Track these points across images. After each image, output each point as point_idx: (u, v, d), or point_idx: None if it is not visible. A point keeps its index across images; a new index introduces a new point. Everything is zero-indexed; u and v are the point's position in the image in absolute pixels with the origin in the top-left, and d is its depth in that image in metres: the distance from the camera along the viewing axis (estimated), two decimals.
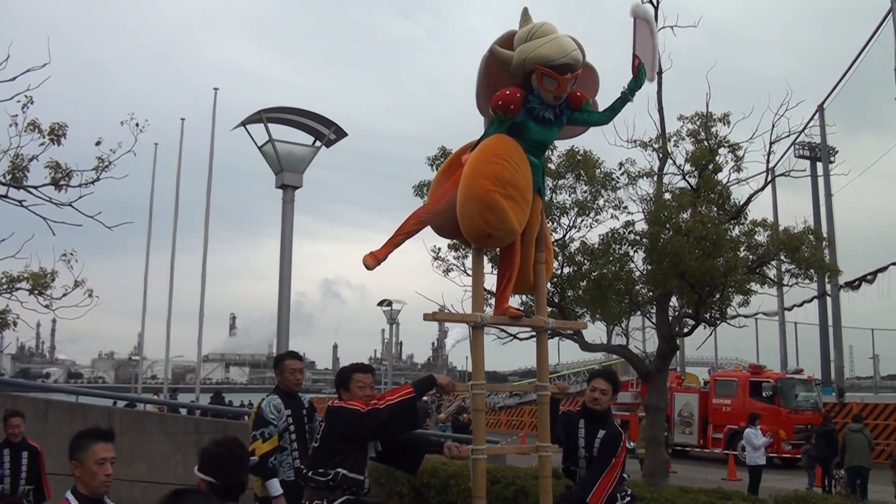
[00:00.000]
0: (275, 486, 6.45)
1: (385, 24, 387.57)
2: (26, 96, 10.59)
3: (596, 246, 12.05)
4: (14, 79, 10.42)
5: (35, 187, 11.01)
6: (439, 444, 5.83)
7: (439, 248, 12.38)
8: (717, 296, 11.97)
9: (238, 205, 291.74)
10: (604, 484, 5.73)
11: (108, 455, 3.97)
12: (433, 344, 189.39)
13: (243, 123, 12.96)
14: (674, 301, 12.73)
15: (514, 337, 12.27)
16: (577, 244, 12.15)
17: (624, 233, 12.11)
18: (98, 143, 11.15)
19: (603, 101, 5.92)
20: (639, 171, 12.50)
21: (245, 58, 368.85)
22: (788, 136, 12.78)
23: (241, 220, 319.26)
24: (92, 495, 3.94)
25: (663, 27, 11.95)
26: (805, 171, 32.45)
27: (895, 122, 29.09)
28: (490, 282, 7.51)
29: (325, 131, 13.34)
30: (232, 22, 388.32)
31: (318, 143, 13.39)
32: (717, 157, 12.26)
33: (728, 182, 12.40)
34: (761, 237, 12.17)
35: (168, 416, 15.96)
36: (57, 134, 10.89)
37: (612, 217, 12.22)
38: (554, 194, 12.02)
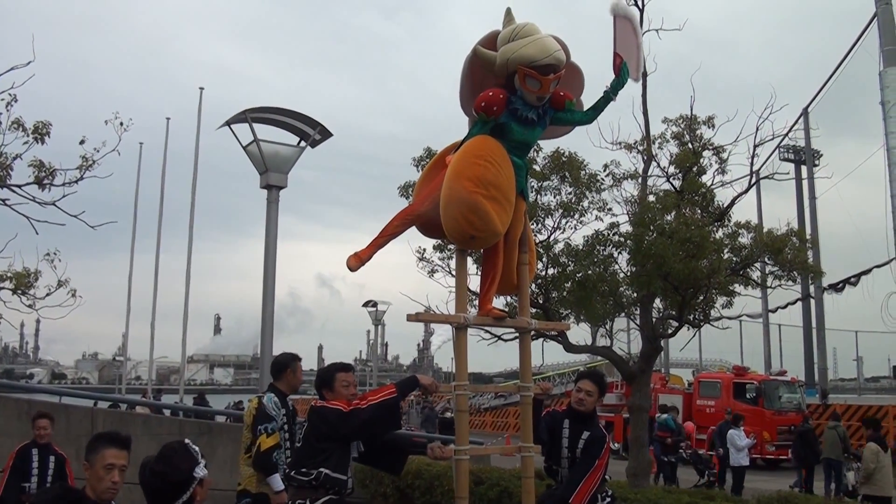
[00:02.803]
0: (277, 482, 6.50)
1: (368, 25, 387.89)
2: (10, 94, 10.54)
3: (580, 247, 12.09)
4: None
5: (18, 186, 10.94)
6: (423, 444, 5.84)
7: (424, 249, 12.42)
8: (701, 297, 12.02)
9: (223, 205, 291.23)
10: (586, 486, 5.74)
11: (117, 462, 3.86)
12: (419, 345, 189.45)
13: (228, 123, 12.89)
14: (658, 302, 12.78)
15: (499, 338, 12.30)
16: (561, 245, 12.19)
17: (608, 234, 12.15)
18: (82, 142, 11.09)
19: (587, 101, 5.94)
20: (623, 173, 12.56)
21: (228, 57, 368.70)
22: (773, 139, 12.86)
23: (226, 220, 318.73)
24: (97, 500, 3.83)
25: (648, 30, 12.01)
26: (789, 174, 32.67)
27: (877, 126, 29.27)
28: (474, 283, 7.53)
29: (310, 131, 13.30)
30: (215, 21, 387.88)
31: (302, 144, 13.36)
32: (701, 160, 12.32)
33: (712, 184, 12.47)
34: (745, 239, 12.23)
35: (152, 417, 15.88)
36: (41, 132, 10.83)
37: (596, 219, 12.27)
38: (539, 196, 12.05)
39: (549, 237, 12.10)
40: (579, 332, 14.50)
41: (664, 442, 20.84)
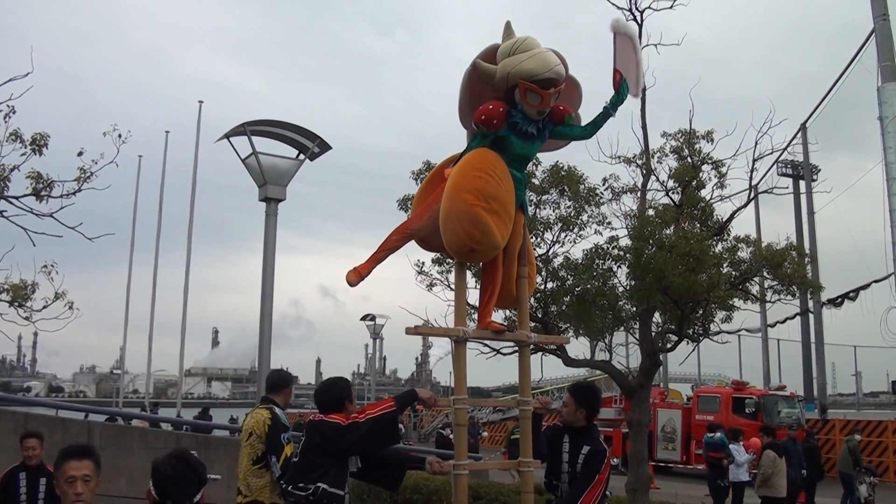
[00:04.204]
0: None
1: (362, 41, 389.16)
2: (8, 106, 10.54)
3: (580, 261, 12.08)
4: None
5: (16, 198, 10.93)
6: (421, 459, 5.78)
7: (423, 263, 12.40)
8: (700, 311, 12.01)
9: (221, 219, 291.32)
10: (587, 501, 5.67)
11: (77, 473, 3.77)
12: (417, 359, 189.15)
13: (227, 136, 12.86)
14: (657, 317, 12.76)
15: (498, 352, 12.26)
16: (560, 259, 12.19)
17: (607, 248, 12.15)
18: (80, 154, 11.09)
19: (584, 114, 5.94)
20: (622, 187, 12.57)
21: (224, 72, 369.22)
22: (771, 153, 12.88)
23: (224, 234, 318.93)
24: None
25: (647, 45, 12.04)
26: (788, 188, 32.73)
27: (873, 142, 29.35)
28: (473, 296, 7.51)
29: (309, 144, 13.28)
30: (209, 37, 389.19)
31: (301, 157, 13.35)
32: (700, 174, 12.33)
33: (711, 199, 12.48)
34: (744, 253, 12.23)
35: (149, 431, 15.83)
36: (39, 144, 10.83)
37: (595, 232, 12.28)
38: (538, 209, 12.05)
39: (548, 251, 12.09)
40: (578, 347, 14.49)
41: (719, 464, 18.36)
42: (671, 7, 12.87)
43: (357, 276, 5.41)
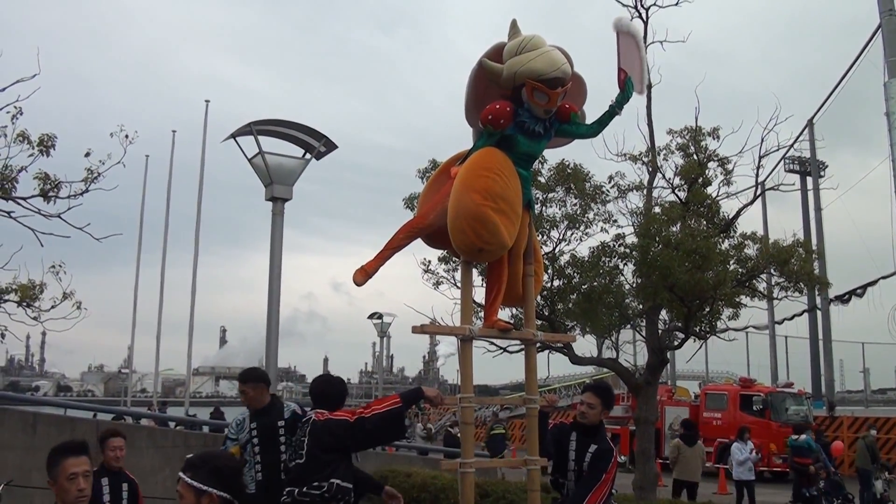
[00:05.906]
0: None
1: (365, 39, 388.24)
2: (15, 107, 10.56)
3: (586, 259, 12.08)
4: (3, 90, 10.39)
5: (24, 198, 10.94)
6: (379, 486, 6.02)
7: (429, 261, 12.42)
8: (707, 309, 11.99)
9: (227, 218, 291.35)
10: (593, 500, 5.67)
11: (78, 469, 3.84)
12: (424, 357, 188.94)
13: (233, 135, 12.90)
14: (663, 314, 12.75)
15: (504, 350, 12.27)
16: (567, 257, 12.20)
17: (614, 246, 12.15)
18: (87, 155, 11.11)
19: (588, 111, 5.94)
20: (628, 185, 12.58)
21: (230, 72, 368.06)
22: (778, 150, 12.87)
23: (231, 233, 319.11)
24: None
25: (652, 42, 12.04)
26: (794, 185, 32.64)
27: (879, 138, 29.16)
28: (479, 294, 7.51)
29: (315, 144, 13.31)
30: (215, 36, 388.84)
31: (307, 156, 13.38)
32: (706, 171, 12.32)
33: (717, 196, 12.47)
34: (751, 250, 12.23)
35: (157, 430, 15.86)
36: (46, 145, 10.84)
37: (602, 230, 12.30)
38: (544, 207, 12.05)
39: (554, 249, 12.10)
40: (585, 344, 14.51)
41: (805, 471, 16.74)
42: (676, 4, 12.86)
43: (364, 275, 5.41)
